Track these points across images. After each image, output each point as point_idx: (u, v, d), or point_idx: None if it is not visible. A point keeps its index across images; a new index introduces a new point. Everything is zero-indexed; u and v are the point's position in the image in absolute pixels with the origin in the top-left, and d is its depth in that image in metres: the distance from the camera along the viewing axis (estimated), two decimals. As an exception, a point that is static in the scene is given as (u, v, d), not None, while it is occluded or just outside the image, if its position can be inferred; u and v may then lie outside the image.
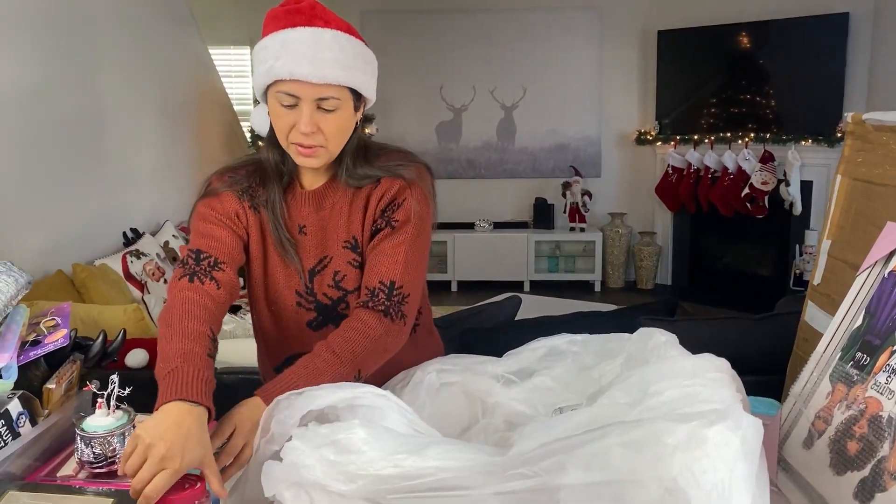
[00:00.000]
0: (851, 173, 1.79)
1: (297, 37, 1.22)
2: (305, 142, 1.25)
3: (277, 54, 1.21)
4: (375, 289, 1.29)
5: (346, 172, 1.34)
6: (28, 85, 3.20)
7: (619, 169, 6.49)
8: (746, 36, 5.64)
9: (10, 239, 3.01)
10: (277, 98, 1.24)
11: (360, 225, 1.36)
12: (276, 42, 1.22)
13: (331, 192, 1.37)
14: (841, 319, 1.24)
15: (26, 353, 1.15)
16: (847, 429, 1.10)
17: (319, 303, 1.37)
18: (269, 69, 1.22)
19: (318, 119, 1.24)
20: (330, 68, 1.21)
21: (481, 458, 0.77)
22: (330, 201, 1.37)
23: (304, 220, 1.37)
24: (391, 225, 1.33)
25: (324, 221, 1.37)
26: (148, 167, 4.41)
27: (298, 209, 1.37)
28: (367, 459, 0.78)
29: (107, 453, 1.11)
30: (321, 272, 1.37)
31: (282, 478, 0.85)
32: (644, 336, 1.15)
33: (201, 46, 5.33)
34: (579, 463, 0.73)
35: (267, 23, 1.27)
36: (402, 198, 1.33)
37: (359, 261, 1.36)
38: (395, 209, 1.33)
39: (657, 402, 0.80)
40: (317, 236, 1.37)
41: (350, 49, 1.25)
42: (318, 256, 1.37)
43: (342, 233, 1.36)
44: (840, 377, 1.17)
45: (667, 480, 0.71)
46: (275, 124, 1.28)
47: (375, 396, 0.90)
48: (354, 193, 1.36)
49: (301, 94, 1.22)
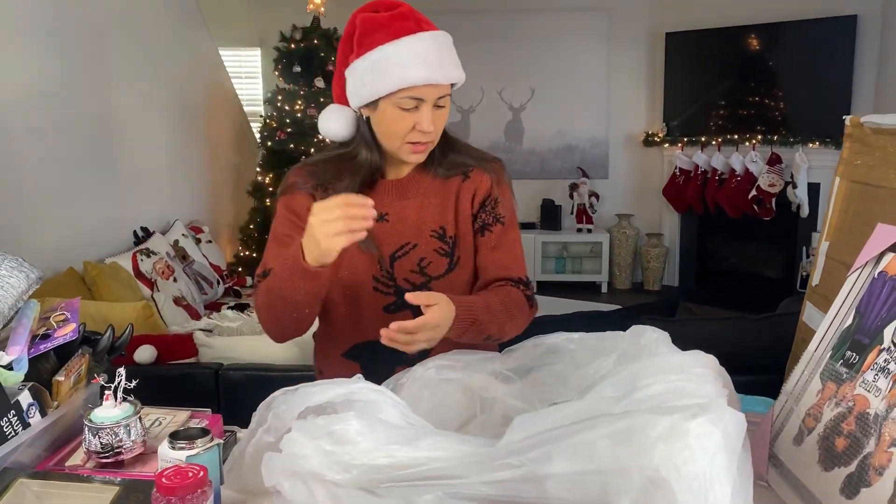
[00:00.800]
0: (849, 175, 1.81)
1: (423, 44, 1.29)
2: (423, 139, 1.33)
3: (406, 62, 1.27)
4: (514, 279, 1.42)
5: (437, 163, 1.43)
6: (41, 87, 3.24)
7: (627, 170, 6.50)
8: (754, 38, 5.65)
9: (24, 236, 3.06)
10: (399, 104, 1.30)
11: (453, 216, 1.44)
12: (403, 50, 1.28)
13: (415, 182, 1.44)
14: (832, 319, 1.26)
15: (36, 347, 1.18)
16: (836, 426, 1.12)
17: (399, 287, 1.42)
18: (401, 77, 1.27)
19: (434, 116, 1.32)
20: (453, 69, 1.32)
21: (471, 448, 0.80)
22: (415, 191, 1.44)
23: (385, 208, 1.42)
24: (500, 221, 1.44)
25: (407, 210, 1.43)
26: (158, 167, 4.45)
27: (380, 197, 1.41)
28: (362, 450, 0.81)
29: (113, 443, 1.14)
30: (402, 258, 1.42)
31: (281, 468, 0.88)
32: (637, 333, 1.18)
33: (212, 48, 5.37)
34: (565, 453, 0.76)
35: (367, 30, 1.31)
36: (498, 192, 1.45)
37: (446, 249, 1.43)
38: (496, 204, 1.45)
39: (643, 396, 0.83)
40: (399, 224, 1.43)
41: (452, 45, 1.35)
42: (401, 243, 1.42)
43: (429, 222, 1.43)
44: (830, 375, 1.19)
45: (649, 470, 0.74)
46: (391, 127, 1.33)
47: (371, 392, 0.93)
48: (441, 184, 1.44)
49: (427, 96, 1.29)
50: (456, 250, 1.44)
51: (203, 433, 1.08)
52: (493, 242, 1.44)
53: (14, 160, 3.04)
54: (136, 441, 1.17)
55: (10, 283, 1.15)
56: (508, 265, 1.44)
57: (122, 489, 1.06)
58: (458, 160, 1.44)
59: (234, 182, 5.64)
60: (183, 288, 3.77)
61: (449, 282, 1.43)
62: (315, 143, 5.05)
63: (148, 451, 1.19)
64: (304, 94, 5.11)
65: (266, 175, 5.22)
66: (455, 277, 1.44)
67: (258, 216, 5.24)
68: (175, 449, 1.06)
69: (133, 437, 1.16)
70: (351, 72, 1.34)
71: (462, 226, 1.45)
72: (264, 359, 2.45)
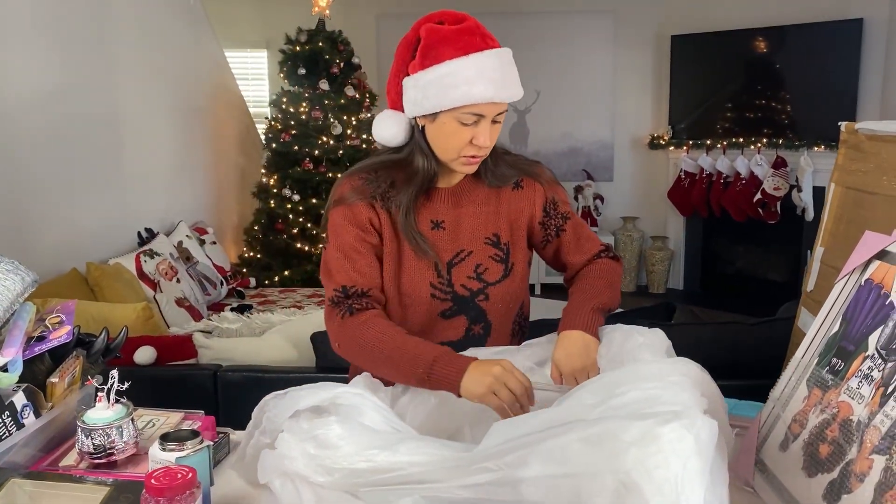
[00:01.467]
0: (844, 182, 1.81)
1: (489, 62, 1.31)
2: (479, 153, 1.36)
3: (472, 80, 1.28)
4: (598, 252, 1.53)
5: (489, 173, 1.46)
6: (46, 87, 3.26)
7: (632, 173, 6.49)
8: (760, 41, 5.63)
9: (28, 237, 3.08)
10: (460, 119, 1.32)
11: (507, 224, 1.48)
12: (469, 67, 1.29)
13: (468, 191, 1.48)
14: (819, 325, 1.26)
15: (31, 348, 1.21)
16: (820, 432, 1.12)
17: (456, 294, 1.45)
18: (465, 94, 1.28)
19: (491, 131, 1.35)
20: (515, 87, 1.35)
21: (449, 453, 0.82)
22: (468, 199, 1.47)
23: (441, 216, 1.45)
24: (567, 218, 1.52)
25: (461, 217, 1.46)
26: (163, 168, 4.47)
27: (435, 206, 1.45)
28: (342, 454, 0.83)
29: (106, 445, 1.16)
30: (459, 264, 1.45)
31: (273, 467, 0.91)
32: (625, 335, 1.19)
33: (217, 49, 5.39)
34: (540, 457, 0.77)
35: (434, 42, 1.32)
36: (552, 194, 1.52)
37: (501, 256, 1.47)
38: (556, 205, 1.52)
39: (618, 403, 0.84)
40: (454, 231, 1.46)
41: (513, 62, 1.37)
42: (456, 250, 1.45)
43: (482, 229, 1.46)
44: (816, 382, 1.19)
45: (621, 474, 0.75)
46: (450, 141, 1.34)
47: (353, 396, 0.95)
48: (492, 193, 1.48)
49: (488, 112, 1.32)
50: (510, 257, 1.48)
51: (193, 435, 1.10)
52: (572, 238, 1.52)
53: (18, 161, 3.06)
54: (128, 442, 1.19)
55: (6, 285, 1.17)
56: (591, 247, 1.53)
57: (112, 490, 1.08)
58: (508, 171, 1.48)
59: (239, 183, 5.66)
60: (186, 289, 3.80)
61: (505, 287, 1.47)
62: (320, 144, 5.07)
63: (141, 451, 1.21)
64: (308, 96, 5.13)
65: (271, 176, 5.25)
66: (510, 283, 1.48)
67: (263, 217, 5.27)
68: (165, 450, 1.08)
69: (125, 438, 1.18)
70: (413, 82, 1.34)
71: (515, 233, 1.49)
72: (263, 360, 2.46)
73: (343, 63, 5.19)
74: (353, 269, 1.39)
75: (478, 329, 1.47)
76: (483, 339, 1.48)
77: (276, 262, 5.15)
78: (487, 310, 1.46)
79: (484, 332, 1.48)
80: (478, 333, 1.48)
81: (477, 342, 1.46)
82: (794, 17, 5.38)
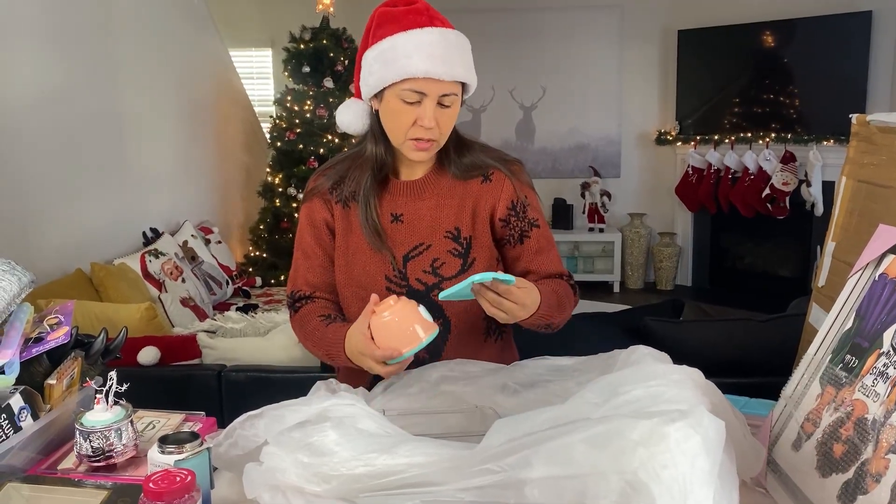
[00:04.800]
0: (856, 175, 1.78)
1: (429, 38, 1.29)
2: (425, 136, 1.33)
3: (410, 53, 1.28)
4: (557, 274, 1.48)
5: (453, 164, 1.43)
6: (50, 87, 3.26)
7: (639, 169, 6.45)
8: (768, 35, 5.59)
9: (32, 237, 3.07)
10: (401, 95, 1.30)
11: (470, 218, 1.43)
12: (408, 42, 1.29)
13: (431, 183, 1.44)
14: (833, 321, 1.23)
15: (29, 350, 1.19)
16: (834, 431, 1.10)
17: (412, 287, 1.42)
18: (402, 67, 1.28)
19: (438, 115, 1.31)
20: (458, 66, 1.31)
21: (450, 453, 0.79)
22: (431, 191, 1.44)
23: (399, 209, 1.43)
24: (535, 225, 1.47)
25: (422, 211, 1.43)
26: (168, 168, 4.47)
27: (394, 198, 1.44)
28: (340, 460, 0.80)
29: (104, 447, 1.14)
30: (416, 258, 1.42)
31: (260, 481, 0.88)
32: (630, 351, 1.16)
33: (221, 48, 5.39)
34: (544, 458, 0.75)
35: (382, 22, 1.34)
36: (523, 195, 1.46)
37: (460, 250, 1.43)
38: (525, 209, 1.46)
39: (622, 402, 0.81)
40: (414, 224, 1.43)
41: (465, 47, 1.34)
42: (414, 243, 1.43)
43: (444, 223, 1.43)
44: (829, 379, 1.16)
45: (628, 474, 0.73)
46: (394, 121, 1.34)
47: (345, 406, 0.92)
48: (457, 186, 1.44)
49: (428, 91, 1.29)
50: (471, 252, 1.44)
51: (192, 437, 1.08)
52: (534, 247, 1.47)
53: (23, 161, 3.05)
54: (127, 445, 1.17)
55: (2, 286, 1.16)
56: (551, 265, 1.49)
57: (111, 493, 1.06)
58: (475, 161, 1.44)
59: (245, 182, 5.65)
60: (191, 288, 3.78)
61: None
62: (325, 143, 5.06)
63: (140, 454, 1.19)
64: (313, 94, 5.11)
65: (276, 175, 5.23)
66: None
67: (268, 216, 5.25)
68: (164, 453, 1.06)
69: (124, 440, 1.16)
70: (363, 62, 1.36)
71: (479, 227, 1.45)
72: (267, 360, 2.45)
73: (347, 60, 5.16)
74: (307, 269, 1.47)
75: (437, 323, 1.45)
76: (443, 334, 1.44)
77: (281, 262, 5.13)
78: (444, 305, 1.42)
79: (444, 328, 1.43)
80: None
81: (437, 338, 1.43)
82: (803, 10, 5.33)
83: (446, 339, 1.44)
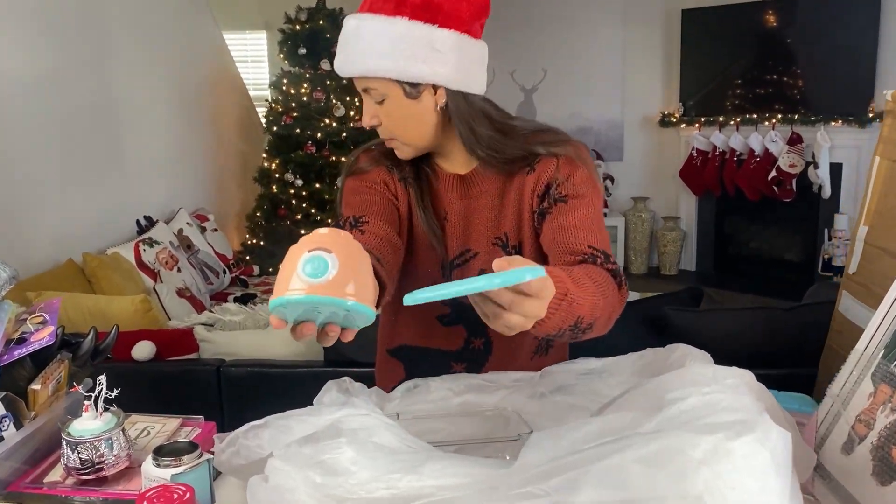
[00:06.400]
0: (891, 155, 1.68)
1: (346, 28, 1.16)
2: (380, 134, 1.22)
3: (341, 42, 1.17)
4: (590, 253, 1.10)
5: (495, 158, 1.20)
6: (40, 73, 3.18)
7: (643, 152, 6.34)
8: (773, 13, 5.46)
9: (23, 227, 3.01)
10: None
11: (516, 219, 1.24)
12: (344, 29, 1.17)
13: (479, 179, 1.25)
14: (884, 314, 1.14)
15: (10, 352, 1.09)
16: (892, 434, 1.00)
17: (456, 299, 1.13)
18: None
19: (377, 110, 1.18)
20: (370, 60, 1.12)
21: (484, 472, 0.69)
22: (478, 189, 1.25)
23: (447, 207, 1.27)
24: (563, 200, 1.16)
25: (469, 211, 1.26)
26: (162, 154, 4.38)
27: (441, 193, 1.27)
28: (358, 481, 0.70)
29: (94, 459, 1.05)
30: (462, 266, 1.27)
31: (267, 500, 0.78)
32: (669, 350, 1.06)
33: (215, 31, 5.28)
34: (593, 480, 0.65)
35: None
36: (566, 174, 1.18)
37: None
38: (560, 184, 1.17)
39: (676, 411, 0.71)
40: (459, 226, 1.26)
41: (392, 35, 1.11)
42: (460, 249, 1.27)
43: (491, 228, 1.25)
44: (884, 377, 1.07)
45: (691, 498, 0.63)
46: None
47: (360, 417, 0.81)
48: (506, 183, 1.24)
49: (357, 84, 1.17)
50: None
51: (191, 448, 0.99)
52: (556, 223, 1.16)
53: (12, 149, 2.98)
54: (119, 455, 1.07)
55: (-21, 283, 1.05)
56: (581, 238, 1.12)
57: (102, 510, 0.97)
58: (514, 153, 1.20)
59: (241, 168, 5.56)
60: (187, 278, 3.69)
61: None
62: (322, 127, 4.95)
63: (134, 464, 1.10)
64: (309, 76, 5.00)
65: (273, 161, 5.13)
66: None
67: (265, 203, 5.16)
68: (160, 466, 0.97)
69: (116, 450, 1.07)
70: None
71: (525, 230, 1.25)
72: (268, 354, 2.37)
73: (344, 42, 5.05)
74: (360, 205, 1.22)
75: (478, 343, 1.31)
76: (484, 355, 1.31)
77: (279, 250, 5.02)
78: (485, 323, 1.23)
79: (484, 349, 1.31)
80: (478, 348, 1.31)
81: (477, 357, 1.31)
82: (809, -14, 5.21)
83: (486, 358, 1.31)
